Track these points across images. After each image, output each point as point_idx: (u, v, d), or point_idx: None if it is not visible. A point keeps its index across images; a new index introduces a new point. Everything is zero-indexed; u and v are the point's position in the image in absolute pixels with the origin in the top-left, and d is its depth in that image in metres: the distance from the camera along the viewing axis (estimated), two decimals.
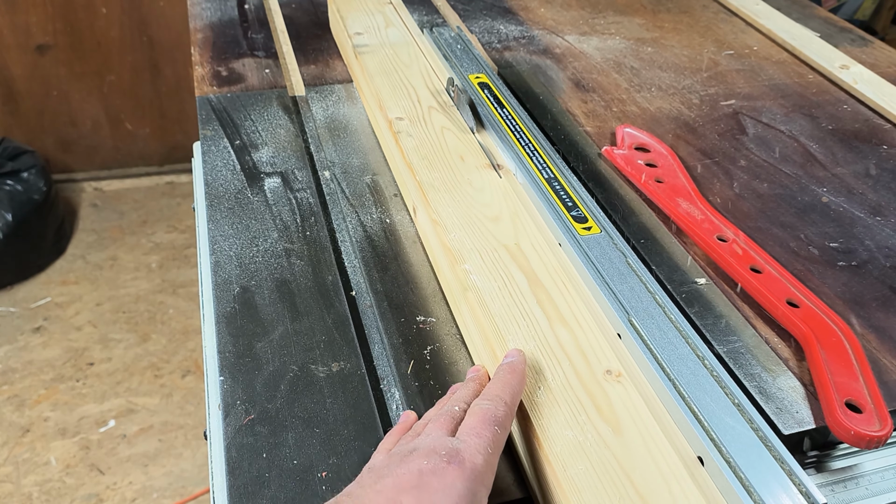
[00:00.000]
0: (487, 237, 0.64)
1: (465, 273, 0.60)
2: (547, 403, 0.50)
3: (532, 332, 0.55)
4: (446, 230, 0.65)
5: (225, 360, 0.59)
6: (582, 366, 0.53)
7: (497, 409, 0.47)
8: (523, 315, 0.57)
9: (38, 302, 1.94)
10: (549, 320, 0.56)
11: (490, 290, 0.59)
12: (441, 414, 0.49)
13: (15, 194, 1.94)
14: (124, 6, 2.10)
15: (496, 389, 0.49)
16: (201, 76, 0.96)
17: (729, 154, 0.84)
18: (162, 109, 2.32)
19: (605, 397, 0.51)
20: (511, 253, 0.62)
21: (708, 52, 1.06)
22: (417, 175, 0.71)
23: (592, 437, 0.48)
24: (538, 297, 0.58)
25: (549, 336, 0.55)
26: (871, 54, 1.08)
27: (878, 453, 0.55)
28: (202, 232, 0.76)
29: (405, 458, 0.44)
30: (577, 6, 1.18)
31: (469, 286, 0.59)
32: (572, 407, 0.50)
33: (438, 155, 0.74)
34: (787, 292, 0.62)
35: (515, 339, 0.54)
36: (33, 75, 2.14)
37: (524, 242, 0.64)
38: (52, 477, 1.54)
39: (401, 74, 0.88)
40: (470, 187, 0.70)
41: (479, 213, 0.67)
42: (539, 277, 0.60)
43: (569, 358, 0.53)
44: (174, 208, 2.29)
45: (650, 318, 0.56)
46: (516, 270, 0.61)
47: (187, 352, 1.83)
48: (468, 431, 0.46)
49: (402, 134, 0.77)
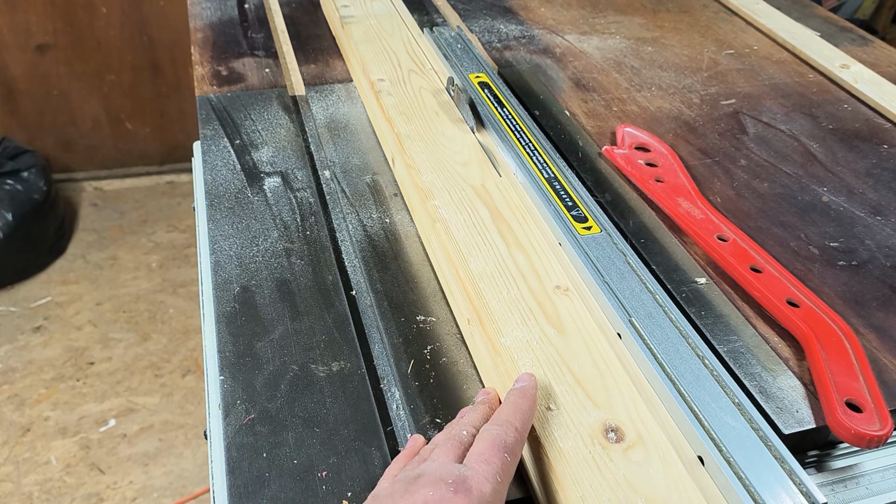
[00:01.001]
0: (456, 178, 0.71)
1: (435, 208, 0.67)
2: (502, 311, 0.57)
3: (492, 255, 0.62)
4: (419, 173, 0.71)
5: (225, 360, 0.59)
6: (534, 282, 0.60)
7: (507, 436, 0.45)
8: (485, 242, 0.64)
9: (38, 301, 1.94)
10: (508, 246, 0.63)
11: (456, 221, 0.65)
12: (448, 439, 0.47)
13: (15, 194, 1.94)
14: (124, 6, 2.10)
15: (506, 414, 0.47)
16: (201, 76, 0.95)
17: (729, 153, 0.84)
18: (162, 109, 2.32)
19: (552, 307, 0.58)
20: (476, 191, 0.69)
21: (708, 52, 1.06)
22: (395, 128, 0.78)
23: (539, 337, 0.55)
24: (499, 227, 0.65)
25: (507, 259, 0.62)
26: (872, 54, 1.08)
27: (879, 453, 0.55)
28: (202, 231, 0.76)
29: (410, 485, 0.42)
30: (577, 6, 1.18)
31: (437, 218, 0.66)
32: (524, 315, 0.57)
33: (415, 111, 0.81)
34: (787, 292, 0.62)
35: (476, 261, 0.61)
36: (33, 75, 2.14)
37: (489, 183, 0.71)
38: (52, 476, 1.54)
39: (384, 42, 0.95)
40: (443, 137, 0.77)
41: (449, 159, 0.74)
42: (501, 211, 0.67)
43: (523, 276, 0.60)
44: (174, 208, 2.29)
45: (650, 318, 0.56)
46: (480, 206, 0.68)
47: (187, 351, 1.83)
48: (476, 458, 0.44)
49: (383, 93, 0.84)
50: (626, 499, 0.44)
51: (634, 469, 0.46)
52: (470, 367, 0.59)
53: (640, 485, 0.45)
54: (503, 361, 0.54)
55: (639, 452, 0.47)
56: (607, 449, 0.47)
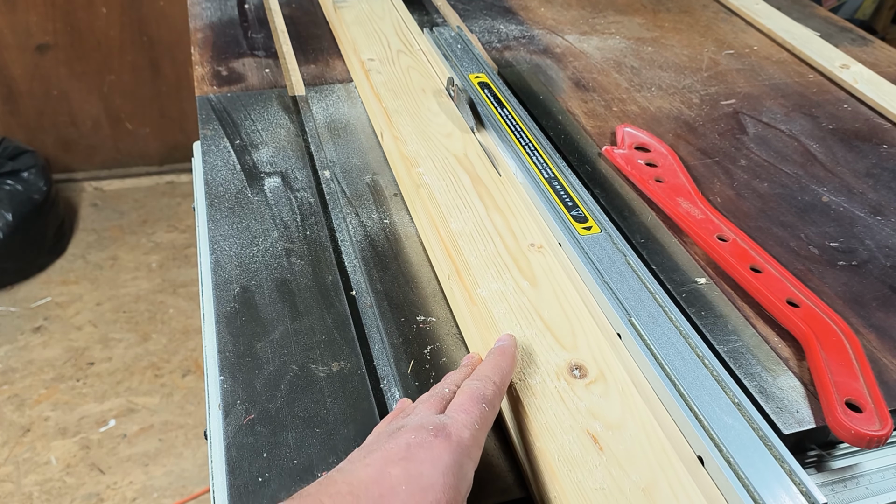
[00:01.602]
0: (440, 148, 0.75)
1: (419, 175, 0.71)
2: (479, 266, 0.61)
3: (471, 216, 0.66)
4: (405, 143, 0.76)
5: (225, 360, 0.59)
6: (510, 240, 0.64)
7: (486, 388, 0.48)
8: (465, 204, 0.68)
9: (38, 302, 1.94)
10: (487, 208, 0.67)
11: (439, 186, 0.69)
12: (430, 395, 0.50)
13: (15, 194, 1.94)
14: (124, 6, 2.10)
15: (486, 370, 0.50)
16: (201, 76, 0.96)
17: (729, 153, 0.84)
18: (162, 109, 2.32)
19: (526, 262, 0.62)
20: (459, 160, 0.74)
21: (708, 52, 1.06)
22: (384, 103, 0.82)
23: (513, 288, 0.59)
24: (479, 191, 0.69)
25: (486, 220, 0.66)
26: (872, 54, 1.08)
27: (878, 453, 0.55)
28: (202, 231, 0.76)
29: (393, 434, 0.45)
30: (577, 6, 1.18)
31: (421, 184, 0.70)
32: (499, 269, 0.61)
33: (403, 88, 0.86)
34: (787, 292, 0.62)
35: (456, 222, 0.65)
36: (33, 75, 2.14)
37: (471, 152, 0.75)
38: (52, 476, 1.54)
39: (374, 25, 1.00)
40: (428, 112, 0.81)
41: (434, 131, 0.78)
42: (481, 178, 0.71)
43: (500, 235, 0.64)
44: (174, 208, 2.30)
45: (650, 318, 0.56)
46: (462, 173, 0.72)
47: (187, 351, 1.83)
48: (456, 408, 0.46)
49: (373, 72, 0.89)
50: (585, 424, 0.49)
51: (595, 400, 0.50)
52: None
53: (599, 412, 0.50)
54: (479, 311, 0.57)
55: (600, 386, 0.51)
56: (571, 384, 0.51)
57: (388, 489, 0.40)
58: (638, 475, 0.46)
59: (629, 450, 0.47)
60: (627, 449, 0.47)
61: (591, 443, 0.47)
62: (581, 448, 0.47)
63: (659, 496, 0.45)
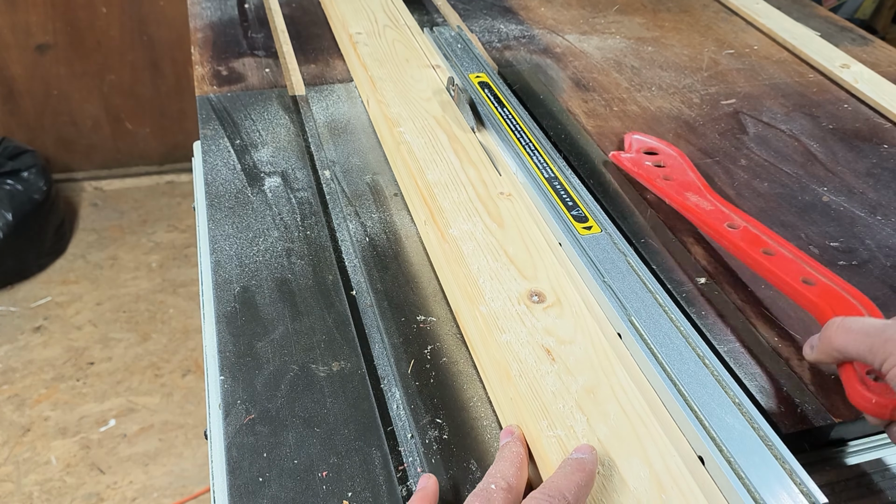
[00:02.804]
0: (420, 110, 0.81)
1: (400, 134, 0.77)
2: (452, 210, 0.67)
3: (446, 168, 0.72)
4: (388, 106, 0.82)
5: (225, 360, 0.59)
6: (482, 189, 0.70)
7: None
8: (441, 158, 0.73)
9: (38, 301, 1.94)
10: (461, 162, 0.73)
11: (418, 144, 0.75)
12: (475, 496, 0.42)
13: (15, 194, 1.94)
14: (124, 6, 2.10)
15: (560, 483, 0.42)
16: (201, 76, 0.95)
17: (729, 153, 0.84)
18: (162, 109, 2.32)
19: (495, 207, 0.67)
20: (437, 120, 0.80)
21: (708, 52, 1.06)
22: (369, 71, 0.88)
23: (482, 229, 0.65)
24: (454, 147, 0.75)
25: (460, 171, 0.72)
26: (872, 53, 1.08)
27: (878, 452, 0.55)
28: (202, 231, 0.76)
29: None
30: (577, 5, 1.18)
31: (402, 142, 0.76)
32: (470, 212, 0.67)
33: (388, 58, 0.92)
34: (801, 271, 0.62)
35: (433, 173, 0.71)
36: (33, 75, 2.14)
37: (448, 114, 0.81)
38: (52, 476, 1.54)
39: (363, 1, 1.06)
40: (411, 79, 0.87)
41: (415, 96, 0.84)
42: (457, 136, 0.77)
43: (472, 184, 0.70)
44: (174, 208, 2.30)
45: (650, 318, 0.56)
46: (440, 132, 0.78)
47: (188, 351, 1.83)
48: None
49: (360, 44, 0.95)
50: (541, 340, 0.55)
51: (550, 321, 0.56)
52: (470, 367, 0.59)
53: (553, 330, 0.56)
54: (450, 247, 0.63)
55: (555, 310, 0.57)
56: (530, 308, 0.57)
57: None
58: (584, 379, 0.52)
59: (578, 360, 0.53)
60: (576, 359, 0.53)
61: (545, 354, 0.54)
62: (536, 359, 0.53)
63: (601, 395, 0.51)
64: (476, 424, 0.55)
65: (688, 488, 0.46)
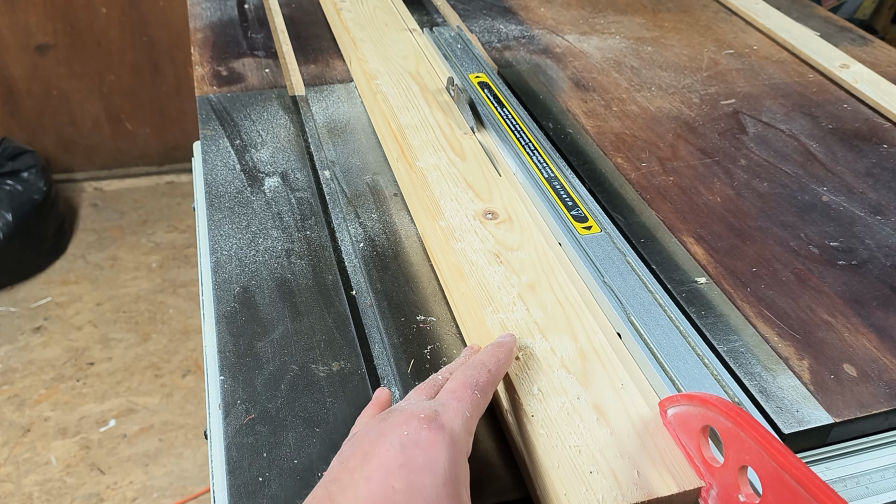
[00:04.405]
0: (396, 66, 0.89)
1: (377, 85, 0.85)
2: (420, 146, 0.75)
3: (417, 114, 0.80)
4: (367, 63, 0.90)
5: (225, 360, 0.59)
6: (448, 130, 0.78)
7: (479, 375, 0.48)
8: (413, 105, 0.82)
9: (38, 302, 1.94)
10: (430, 108, 0.82)
11: (393, 94, 0.84)
12: (424, 383, 0.50)
13: (15, 194, 1.94)
14: (124, 6, 2.10)
15: (482, 357, 0.50)
16: (201, 76, 0.96)
17: (729, 153, 0.84)
18: (162, 109, 2.32)
19: (458, 144, 0.76)
20: (412, 75, 0.88)
21: (708, 52, 1.06)
22: (351, 34, 0.97)
23: (445, 162, 0.73)
24: (426, 97, 0.83)
25: (429, 116, 0.80)
26: (872, 53, 1.08)
27: (878, 452, 0.55)
28: (202, 231, 0.76)
29: (384, 421, 0.44)
30: (577, 5, 1.18)
31: (378, 91, 0.84)
32: (436, 148, 0.75)
33: (369, 22, 1.01)
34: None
35: (405, 117, 0.80)
36: (33, 75, 2.14)
37: (423, 70, 0.89)
38: (52, 476, 1.54)
39: None
40: (389, 41, 0.96)
41: (393, 55, 0.92)
42: (428, 87, 0.86)
43: (440, 126, 0.79)
44: (174, 208, 2.30)
45: (650, 318, 0.56)
46: (413, 84, 0.86)
47: (188, 351, 1.83)
48: (448, 395, 0.46)
49: (343, 10, 1.04)
50: (492, 248, 0.63)
51: (501, 233, 0.65)
52: None
53: (503, 241, 0.64)
54: (417, 176, 0.72)
55: (506, 225, 0.66)
56: (484, 223, 0.66)
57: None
58: (527, 278, 0.60)
59: (522, 263, 0.62)
60: (521, 262, 0.62)
61: (494, 258, 0.62)
62: (486, 262, 0.62)
63: (540, 289, 0.59)
64: None
65: (606, 357, 0.54)
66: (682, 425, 0.46)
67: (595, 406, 0.50)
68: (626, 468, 0.46)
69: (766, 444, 0.39)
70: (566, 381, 0.51)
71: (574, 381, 0.51)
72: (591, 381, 0.51)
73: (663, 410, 0.48)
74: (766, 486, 0.39)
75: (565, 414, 0.49)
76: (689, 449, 0.46)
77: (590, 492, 0.44)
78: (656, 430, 0.48)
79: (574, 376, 0.52)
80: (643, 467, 0.46)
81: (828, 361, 0.58)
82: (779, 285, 0.65)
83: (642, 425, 0.48)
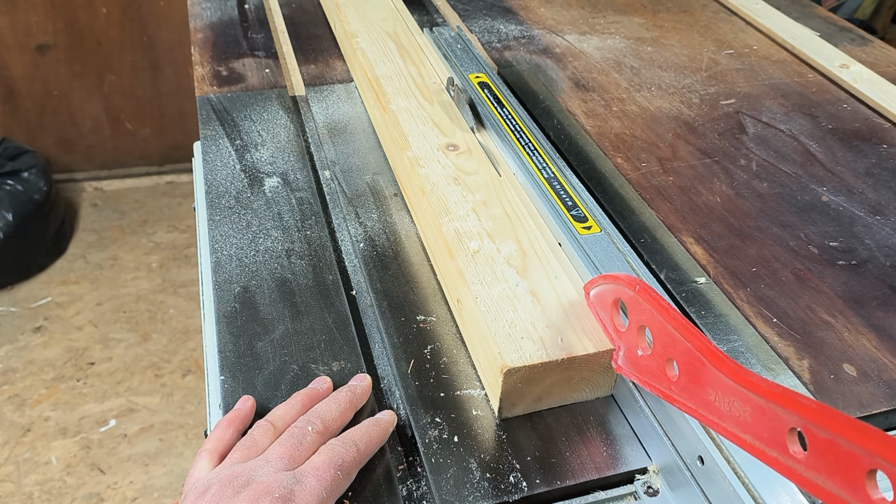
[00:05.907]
0: (376, 27, 0.98)
1: (357, 42, 0.93)
2: (393, 93, 0.83)
3: (392, 66, 0.89)
4: (349, 24, 0.98)
5: (225, 360, 0.59)
6: (419, 80, 0.86)
7: (347, 454, 0.49)
8: (389, 59, 0.90)
9: (38, 302, 1.94)
10: (405, 60, 0.90)
11: (371, 50, 0.92)
12: (291, 436, 0.49)
13: (15, 194, 1.94)
14: (124, 6, 2.10)
15: (354, 434, 0.51)
16: (201, 76, 0.96)
17: (729, 153, 0.84)
18: (162, 109, 2.32)
19: (428, 92, 0.84)
20: (389, 34, 0.96)
21: (708, 52, 1.06)
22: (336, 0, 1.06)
23: (416, 105, 0.81)
24: (401, 53, 0.92)
25: (403, 68, 0.88)
26: (871, 53, 1.08)
27: None
28: (202, 231, 0.76)
29: (238, 493, 0.44)
30: (576, 6, 1.18)
31: (357, 48, 0.92)
32: (407, 95, 0.83)
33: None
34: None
35: (381, 69, 0.88)
36: (33, 75, 2.14)
37: (399, 31, 0.97)
38: (52, 476, 1.54)
39: None
40: (370, 6, 1.04)
41: (373, 17, 1.01)
42: (405, 45, 0.94)
43: (412, 77, 0.87)
44: (174, 208, 2.30)
45: None
46: (390, 42, 0.94)
47: (188, 351, 1.83)
48: (310, 471, 0.47)
49: None
50: (452, 174, 0.71)
51: (460, 162, 0.73)
52: (470, 367, 0.59)
53: (462, 167, 0.72)
54: (389, 117, 0.79)
55: (465, 155, 0.74)
56: (446, 154, 0.74)
57: None
58: (480, 196, 0.68)
59: (477, 184, 0.70)
60: (476, 184, 0.70)
61: (453, 180, 0.70)
62: (446, 184, 0.69)
63: (491, 204, 0.67)
64: (476, 424, 0.55)
65: (544, 256, 0.62)
66: (599, 302, 0.55)
67: (531, 291, 0.58)
68: (552, 335, 0.54)
69: (655, 304, 0.47)
70: (507, 273, 0.60)
71: (514, 272, 0.60)
72: (529, 273, 0.60)
73: (587, 293, 0.56)
74: (656, 339, 0.47)
75: (505, 297, 0.57)
76: (605, 321, 0.55)
77: (519, 351, 0.53)
78: (581, 308, 0.57)
79: (514, 269, 0.60)
80: (566, 335, 0.54)
81: (827, 361, 0.58)
82: (779, 285, 0.65)
83: (569, 305, 0.57)
